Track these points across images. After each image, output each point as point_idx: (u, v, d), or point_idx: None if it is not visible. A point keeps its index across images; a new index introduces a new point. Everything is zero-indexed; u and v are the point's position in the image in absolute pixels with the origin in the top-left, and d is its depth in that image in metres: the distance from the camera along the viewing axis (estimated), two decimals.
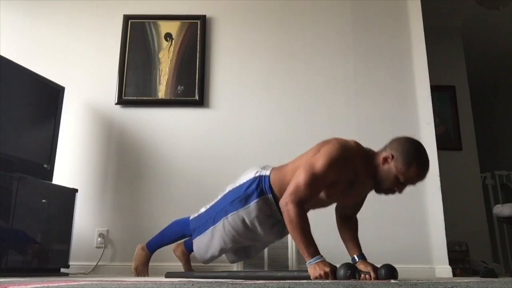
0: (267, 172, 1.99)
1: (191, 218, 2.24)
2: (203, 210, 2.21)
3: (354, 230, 2.00)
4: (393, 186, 1.75)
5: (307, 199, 1.76)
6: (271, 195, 1.95)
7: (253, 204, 1.95)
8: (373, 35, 3.13)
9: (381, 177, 1.76)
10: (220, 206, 2.08)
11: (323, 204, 1.97)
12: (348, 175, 1.77)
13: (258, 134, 2.96)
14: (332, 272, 1.60)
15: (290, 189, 1.79)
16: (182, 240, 2.42)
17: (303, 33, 3.14)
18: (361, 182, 1.83)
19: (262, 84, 3.06)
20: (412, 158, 1.70)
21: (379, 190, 1.81)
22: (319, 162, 1.74)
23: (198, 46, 3.10)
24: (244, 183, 2.01)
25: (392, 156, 1.72)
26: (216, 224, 2.07)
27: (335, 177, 1.76)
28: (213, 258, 2.18)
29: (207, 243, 2.11)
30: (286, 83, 3.05)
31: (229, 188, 2.11)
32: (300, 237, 1.71)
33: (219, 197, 2.14)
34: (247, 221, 1.98)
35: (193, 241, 2.18)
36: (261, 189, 1.96)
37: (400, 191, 1.78)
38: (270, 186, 1.95)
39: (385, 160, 1.74)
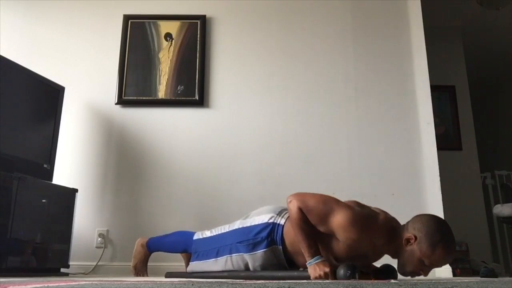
0: (282, 221, 1.88)
1: (194, 237, 2.18)
2: (208, 234, 2.14)
3: None
4: (418, 269, 1.64)
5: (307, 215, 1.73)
6: (281, 246, 1.86)
7: (260, 253, 1.88)
8: (373, 35, 3.13)
9: (404, 260, 1.65)
10: (226, 241, 2.01)
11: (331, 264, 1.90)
12: (361, 248, 1.67)
13: (258, 134, 2.96)
14: (332, 272, 1.60)
15: (303, 195, 1.76)
16: None
17: (303, 33, 3.14)
18: (377, 254, 1.75)
19: (262, 84, 3.06)
20: (438, 240, 1.58)
21: (403, 273, 1.68)
22: (337, 216, 1.65)
23: (198, 46, 3.10)
24: (255, 226, 1.93)
25: (415, 238, 1.61)
26: (218, 258, 2.01)
27: (341, 237, 1.66)
28: None
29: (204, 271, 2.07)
30: (286, 83, 3.05)
31: (238, 223, 2.03)
32: (302, 237, 1.71)
33: (227, 228, 2.07)
34: (250, 266, 1.92)
35: (191, 263, 2.15)
36: (272, 239, 1.87)
37: (426, 274, 1.64)
38: (282, 236, 1.85)
39: (408, 241, 1.63)
